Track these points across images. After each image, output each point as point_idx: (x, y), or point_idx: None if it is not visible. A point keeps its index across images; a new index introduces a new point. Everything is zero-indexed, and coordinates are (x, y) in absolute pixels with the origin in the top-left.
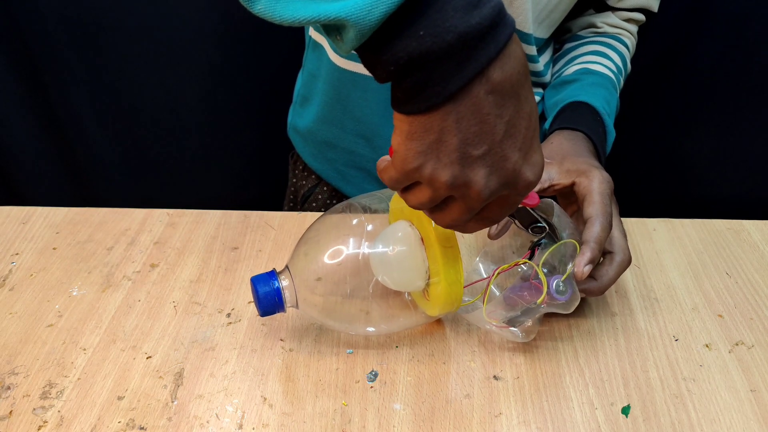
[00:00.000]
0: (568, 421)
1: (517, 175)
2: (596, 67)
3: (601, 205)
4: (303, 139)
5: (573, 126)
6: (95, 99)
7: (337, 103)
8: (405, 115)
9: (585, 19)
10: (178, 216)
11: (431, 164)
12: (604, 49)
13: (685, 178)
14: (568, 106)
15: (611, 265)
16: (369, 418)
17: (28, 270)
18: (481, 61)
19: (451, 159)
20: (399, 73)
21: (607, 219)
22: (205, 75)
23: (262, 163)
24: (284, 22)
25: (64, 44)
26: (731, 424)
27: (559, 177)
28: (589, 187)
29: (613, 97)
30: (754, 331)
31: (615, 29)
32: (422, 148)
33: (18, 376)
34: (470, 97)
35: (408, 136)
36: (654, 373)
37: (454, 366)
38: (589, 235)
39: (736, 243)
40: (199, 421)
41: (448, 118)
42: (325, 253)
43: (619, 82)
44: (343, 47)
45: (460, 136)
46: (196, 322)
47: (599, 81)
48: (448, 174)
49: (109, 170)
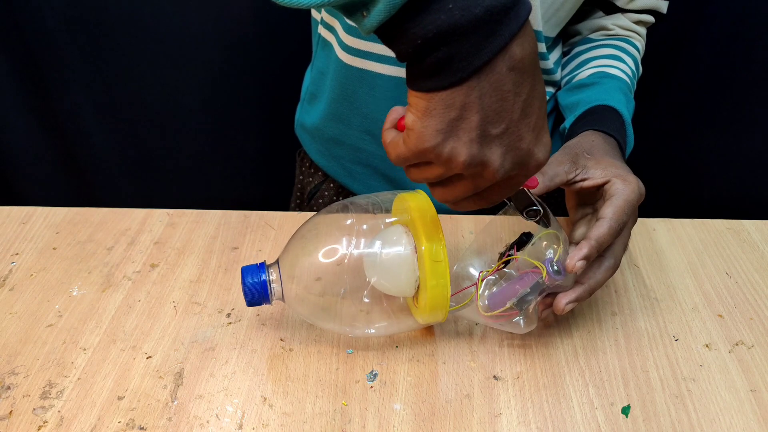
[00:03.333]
0: (568, 421)
1: (530, 155)
2: (613, 71)
3: (621, 210)
4: (310, 136)
5: (606, 130)
6: (95, 99)
7: (344, 100)
8: (424, 92)
9: (595, 22)
10: (178, 216)
11: (450, 143)
12: (618, 53)
13: (685, 178)
14: (597, 108)
15: (599, 269)
16: (369, 418)
17: (28, 270)
18: (505, 36)
19: (471, 137)
20: (425, 48)
21: (618, 224)
22: (206, 74)
23: (268, 162)
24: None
25: (64, 44)
26: (731, 424)
27: (595, 173)
28: (621, 190)
29: (631, 104)
30: (754, 331)
31: (626, 32)
32: (442, 126)
33: (18, 376)
34: (494, 72)
35: (426, 113)
36: (654, 373)
37: (454, 366)
38: (593, 232)
39: (736, 243)
40: (199, 421)
41: (472, 93)
42: (316, 251)
43: (633, 86)
44: (367, 24)
45: (482, 114)
46: (196, 322)
47: (619, 86)
48: (467, 153)
49: (109, 170)
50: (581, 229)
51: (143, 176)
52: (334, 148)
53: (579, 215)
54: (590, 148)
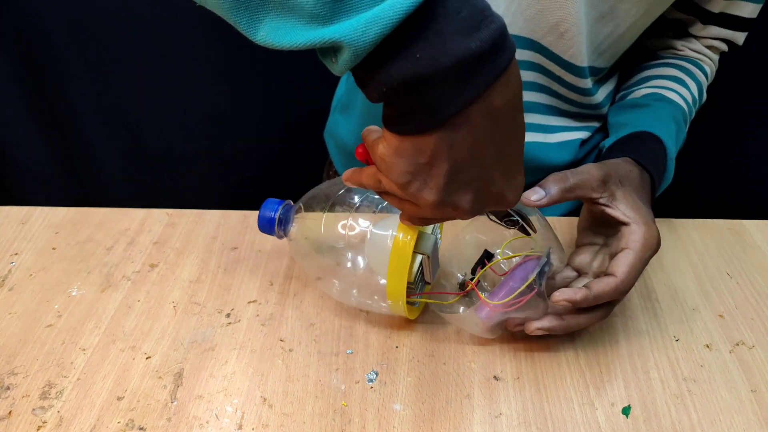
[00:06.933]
0: (569, 421)
1: (500, 198)
2: (671, 94)
3: (634, 269)
4: (338, 147)
5: (644, 164)
6: (95, 99)
7: (375, 117)
8: (395, 134)
9: (664, 41)
10: (177, 216)
11: (417, 185)
12: (683, 76)
13: (685, 178)
14: (641, 135)
15: (587, 314)
16: (369, 419)
17: (28, 270)
18: (479, 86)
19: (438, 183)
20: (391, 96)
21: (625, 286)
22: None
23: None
24: (284, 47)
25: (64, 44)
26: (732, 425)
27: (620, 206)
28: (639, 243)
29: (682, 134)
30: (755, 331)
31: (696, 54)
32: (410, 168)
33: (17, 376)
34: (467, 122)
35: (396, 153)
36: (654, 373)
37: (454, 366)
38: (597, 286)
39: (737, 243)
40: (198, 422)
41: (442, 143)
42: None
43: (691, 114)
44: (336, 69)
45: (451, 162)
46: (196, 323)
47: (673, 113)
48: (433, 198)
49: (109, 170)
50: (582, 256)
51: (143, 176)
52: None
53: (587, 240)
54: (624, 179)
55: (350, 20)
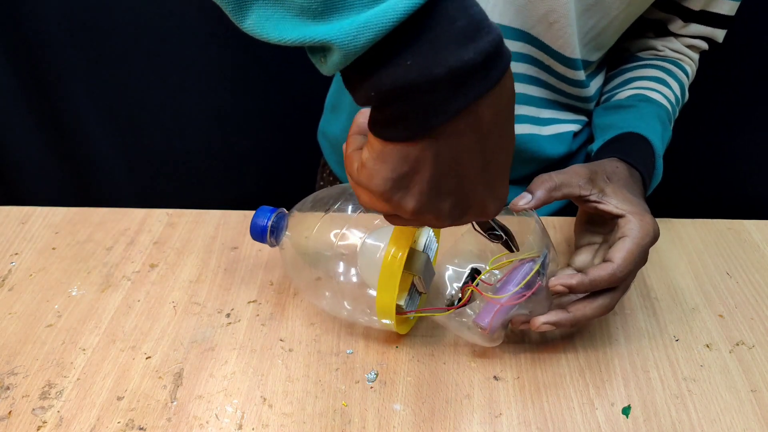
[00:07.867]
0: (569, 421)
1: (481, 208)
2: (654, 95)
3: (631, 256)
4: (331, 146)
5: (633, 162)
6: (95, 99)
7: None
8: (380, 139)
9: (645, 42)
10: (177, 216)
11: (399, 193)
12: (664, 76)
13: (685, 178)
14: (628, 135)
15: (591, 304)
16: (369, 419)
17: (28, 270)
18: (469, 97)
19: (420, 190)
20: (379, 101)
21: (623, 272)
22: (206, 74)
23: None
24: (271, 40)
25: (64, 44)
26: (732, 425)
27: (612, 201)
28: (635, 231)
29: (667, 133)
30: (755, 331)
31: (676, 54)
32: (392, 176)
33: (17, 376)
34: (454, 133)
35: (379, 158)
36: (654, 373)
37: (454, 366)
38: (594, 272)
39: (737, 243)
40: (198, 422)
41: (427, 151)
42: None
43: (675, 113)
44: (325, 68)
45: (435, 170)
46: (196, 323)
47: (657, 113)
48: (414, 205)
49: (109, 170)
50: (582, 256)
51: (143, 176)
52: None
53: (585, 241)
54: (612, 174)
55: (342, 21)
